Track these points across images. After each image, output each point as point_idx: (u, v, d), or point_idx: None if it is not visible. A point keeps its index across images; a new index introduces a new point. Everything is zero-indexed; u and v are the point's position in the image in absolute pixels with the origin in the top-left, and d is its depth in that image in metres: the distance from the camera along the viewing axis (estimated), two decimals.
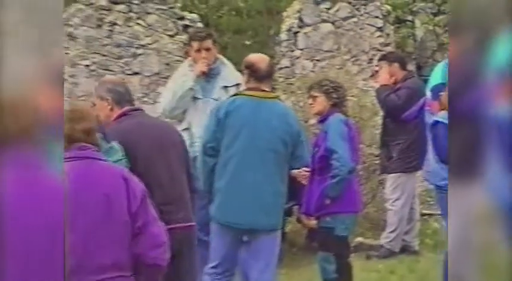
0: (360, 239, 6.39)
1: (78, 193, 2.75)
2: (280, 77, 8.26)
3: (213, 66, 4.90)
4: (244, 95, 4.39)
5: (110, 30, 7.93)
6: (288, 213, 4.81)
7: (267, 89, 4.41)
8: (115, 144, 3.69)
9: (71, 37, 7.85)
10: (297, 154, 4.35)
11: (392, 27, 8.69)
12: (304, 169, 4.50)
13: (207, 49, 4.90)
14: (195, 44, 4.95)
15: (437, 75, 4.66)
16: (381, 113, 6.39)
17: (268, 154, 4.27)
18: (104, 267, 2.82)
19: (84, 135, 2.94)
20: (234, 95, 4.51)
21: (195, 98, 4.90)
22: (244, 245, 4.32)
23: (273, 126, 4.29)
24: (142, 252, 2.86)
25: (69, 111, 2.97)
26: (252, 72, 4.37)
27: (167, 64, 8.01)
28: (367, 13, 8.44)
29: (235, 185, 4.23)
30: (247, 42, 10.11)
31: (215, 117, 4.30)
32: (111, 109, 3.99)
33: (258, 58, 4.49)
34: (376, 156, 6.67)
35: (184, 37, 8.09)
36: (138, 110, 4.11)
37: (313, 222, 4.60)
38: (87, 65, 7.88)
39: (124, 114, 3.99)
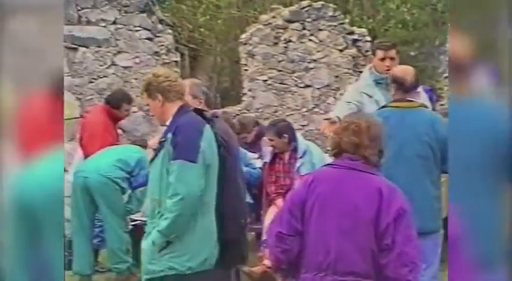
0: None
1: (333, 198, 3.09)
2: (445, 85, 8.47)
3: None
4: (391, 107, 4.58)
5: (285, 47, 8.49)
6: None
7: (412, 99, 4.57)
8: None
9: (250, 55, 8.51)
10: (447, 158, 4.29)
11: None
12: None
13: (391, 58, 5.21)
14: (380, 53, 5.24)
15: None
16: None
17: (416, 160, 4.38)
18: (347, 271, 3.06)
19: (353, 148, 3.18)
20: (382, 107, 4.70)
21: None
22: None
23: (418, 132, 4.40)
24: (388, 266, 3.03)
25: (346, 123, 3.25)
26: (399, 85, 4.55)
27: (336, 76, 8.47)
28: None
29: None
30: (412, 53, 10.38)
31: None
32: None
33: (403, 71, 4.66)
34: None
35: (353, 51, 8.53)
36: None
37: None
38: (265, 80, 8.48)
39: (216, 116, 4.41)
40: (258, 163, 6.82)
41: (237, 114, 8.29)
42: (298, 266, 3.23)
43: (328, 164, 3.37)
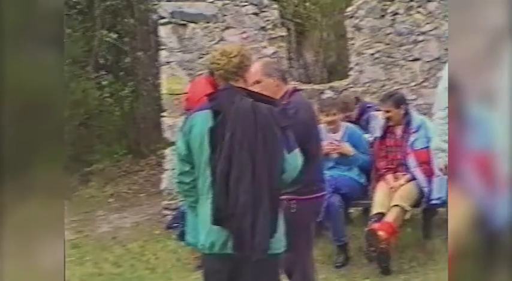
0: None
1: None
2: None
3: None
4: None
5: (392, 20, 8.35)
6: None
7: None
8: None
9: (356, 28, 8.42)
10: None
11: None
12: None
13: None
14: None
15: None
16: None
17: None
18: None
19: None
20: None
21: None
22: None
23: None
24: None
25: None
26: None
27: (446, 49, 8.25)
28: None
29: None
30: None
31: None
32: (277, 86, 4.46)
33: None
34: None
35: None
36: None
37: None
38: (372, 54, 8.38)
39: (295, 91, 4.42)
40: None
41: (344, 89, 8.24)
42: None
43: None
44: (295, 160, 3.72)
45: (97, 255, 7.23)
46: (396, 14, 8.36)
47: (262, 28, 8.35)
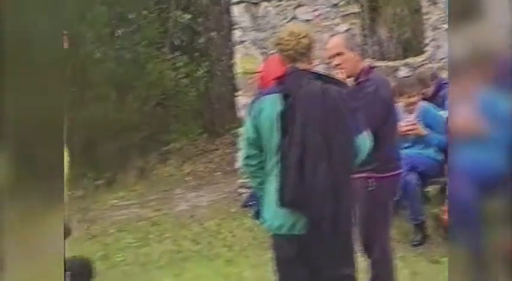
0: None
1: None
2: None
3: None
4: None
5: None
6: None
7: None
8: None
9: (432, 2, 8.25)
10: None
11: None
12: None
13: None
14: None
15: None
16: None
17: None
18: None
19: None
20: None
21: None
22: None
23: None
24: None
25: None
26: None
27: None
28: None
29: None
30: None
31: None
32: (358, 61, 4.41)
33: None
34: None
35: None
36: None
37: None
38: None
39: (371, 68, 4.41)
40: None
41: (420, 66, 8.11)
42: None
43: None
44: (364, 142, 3.70)
45: (176, 233, 7.37)
46: None
47: (335, 5, 8.29)
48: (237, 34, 8.38)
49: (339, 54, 4.39)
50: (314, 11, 8.26)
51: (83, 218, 8.16)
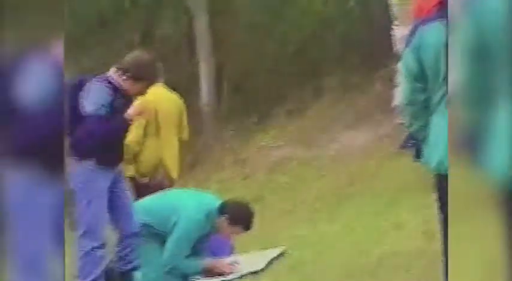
0: None
1: None
2: None
3: None
4: None
5: None
6: None
7: None
8: None
9: None
10: None
11: None
12: None
13: None
14: None
15: None
16: None
17: None
18: None
19: None
20: None
21: None
22: None
23: None
24: None
25: None
26: None
27: None
28: None
29: None
30: None
31: None
32: None
33: None
34: None
35: None
36: None
37: None
38: None
39: None
40: None
41: None
42: None
43: None
44: None
45: (331, 172, 7.29)
46: None
47: None
48: None
49: None
50: None
51: (236, 158, 8.20)
